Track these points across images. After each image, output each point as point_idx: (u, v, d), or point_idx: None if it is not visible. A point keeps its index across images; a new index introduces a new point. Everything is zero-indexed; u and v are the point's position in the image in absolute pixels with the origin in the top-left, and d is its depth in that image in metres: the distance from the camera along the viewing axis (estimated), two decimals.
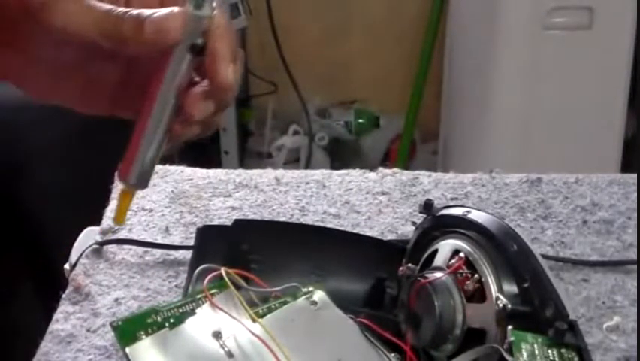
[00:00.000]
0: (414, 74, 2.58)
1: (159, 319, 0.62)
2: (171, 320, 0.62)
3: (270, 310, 0.64)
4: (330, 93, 2.73)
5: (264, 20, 2.50)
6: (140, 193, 0.94)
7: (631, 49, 2.16)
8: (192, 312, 0.63)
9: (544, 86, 2.18)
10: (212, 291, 0.64)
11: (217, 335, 0.60)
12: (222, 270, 0.65)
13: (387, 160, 2.67)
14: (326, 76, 2.69)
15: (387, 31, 2.64)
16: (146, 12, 0.58)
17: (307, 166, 2.55)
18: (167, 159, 0.99)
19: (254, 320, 0.62)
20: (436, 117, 2.58)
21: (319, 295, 0.66)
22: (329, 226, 0.90)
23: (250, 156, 2.66)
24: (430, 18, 2.53)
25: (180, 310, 0.63)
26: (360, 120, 2.72)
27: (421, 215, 0.73)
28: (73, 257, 0.85)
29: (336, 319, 0.65)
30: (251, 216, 0.91)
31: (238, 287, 0.65)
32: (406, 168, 1.03)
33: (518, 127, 2.22)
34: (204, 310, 0.62)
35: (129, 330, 0.61)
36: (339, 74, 2.71)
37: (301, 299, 0.66)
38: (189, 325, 0.61)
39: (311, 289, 0.67)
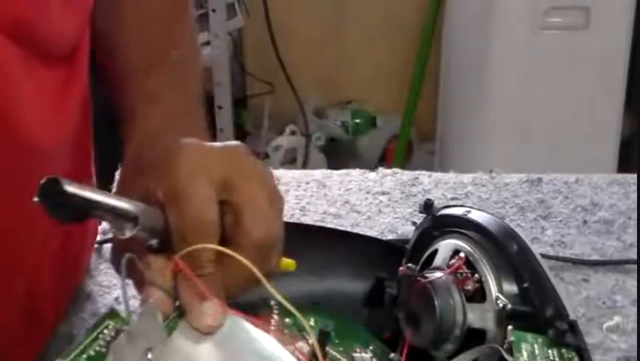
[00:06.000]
0: (410, 73, 2.58)
1: None
2: None
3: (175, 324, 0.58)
4: (327, 93, 2.73)
5: (261, 20, 2.50)
6: None
7: (628, 48, 2.17)
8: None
9: (540, 86, 2.19)
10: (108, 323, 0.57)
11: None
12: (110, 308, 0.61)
13: (383, 160, 2.68)
14: (323, 76, 2.69)
15: (383, 31, 2.64)
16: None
17: (304, 166, 2.55)
18: None
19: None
20: (433, 117, 2.58)
21: None
22: (329, 225, 0.90)
23: None
24: (427, 18, 2.53)
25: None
26: (357, 120, 2.72)
27: (421, 215, 0.73)
28: None
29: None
30: None
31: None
32: (403, 168, 1.03)
33: (515, 127, 2.22)
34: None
35: None
36: (336, 74, 2.71)
37: None
38: None
39: None
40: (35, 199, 0.51)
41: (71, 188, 0.52)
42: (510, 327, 0.60)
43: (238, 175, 0.58)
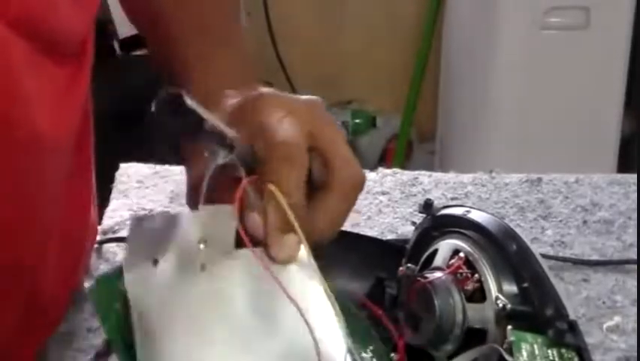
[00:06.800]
0: (410, 74, 2.58)
1: None
2: None
3: None
4: (327, 94, 2.70)
5: (261, 21, 2.50)
6: (140, 193, 0.95)
7: (627, 48, 2.16)
8: None
9: (540, 86, 2.19)
10: None
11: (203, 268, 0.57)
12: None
13: (383, 160, 2.67)
14: (322, 76, 2.69)
15: (383, 32, 2.64)
16: None
17: None
18: (165, 160, 0.99)
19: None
20: (433, 117, 2.58)
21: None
22: None
23: None
24: (427, 18, 2.53)
25: None
26: (357, 120, 2.72)
27: (420, 215, 0.73)
28: None
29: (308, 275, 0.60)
30: None
31: None
32: (403, 168, 1.03)
33: (515, 127, 2.22)
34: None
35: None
36: (336, 74, 2.71)
37: None
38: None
39: None
40: (152, 109, 0.52)
41: (191, 102, 0.53)
42: (510, 327, 0.60)
43: (320, 123, 0.62)
